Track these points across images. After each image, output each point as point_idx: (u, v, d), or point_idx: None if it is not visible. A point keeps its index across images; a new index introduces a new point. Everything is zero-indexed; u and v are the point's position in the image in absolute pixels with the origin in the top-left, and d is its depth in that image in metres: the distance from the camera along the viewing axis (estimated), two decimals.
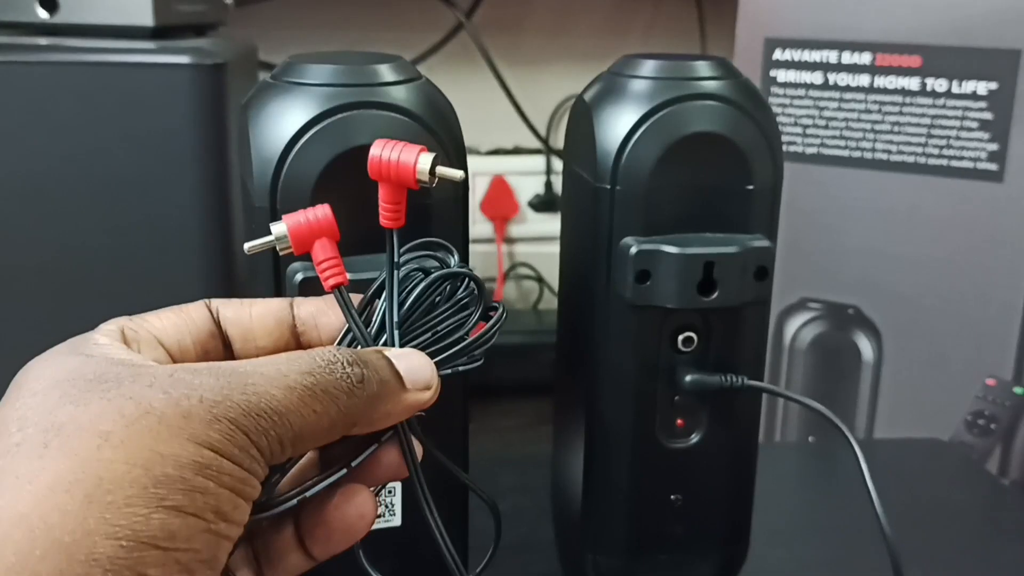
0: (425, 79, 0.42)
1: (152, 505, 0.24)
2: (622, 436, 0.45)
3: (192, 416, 0.25)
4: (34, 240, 0.54)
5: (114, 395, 0.26)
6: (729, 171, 0.43)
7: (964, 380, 0.66)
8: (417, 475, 0.33)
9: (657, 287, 0.42)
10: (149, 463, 0.24)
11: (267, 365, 0.28)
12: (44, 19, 0.57)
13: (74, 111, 0.53)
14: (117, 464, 0.24)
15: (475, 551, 0.46)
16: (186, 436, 0.25)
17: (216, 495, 0.25)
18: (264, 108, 0.39)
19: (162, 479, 0.24)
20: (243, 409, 0.26)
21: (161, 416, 0.25)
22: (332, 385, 0.28)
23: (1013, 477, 0.66)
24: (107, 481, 0.24)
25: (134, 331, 0.31)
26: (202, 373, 0.27)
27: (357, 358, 0.30)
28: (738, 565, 0.49)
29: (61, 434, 0.25)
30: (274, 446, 0.27)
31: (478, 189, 0.96)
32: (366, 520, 0.32)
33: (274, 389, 0.27)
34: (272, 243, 0.32)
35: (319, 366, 0.28)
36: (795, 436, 0.72)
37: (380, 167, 0.32)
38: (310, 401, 0.28)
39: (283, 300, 0.34)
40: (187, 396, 0.26)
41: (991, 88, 0.62)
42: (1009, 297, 0.63)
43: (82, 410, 0.25)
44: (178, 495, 0.24)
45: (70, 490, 0.23)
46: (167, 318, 0.32)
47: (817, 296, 0.69)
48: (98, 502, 0.23)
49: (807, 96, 0.67)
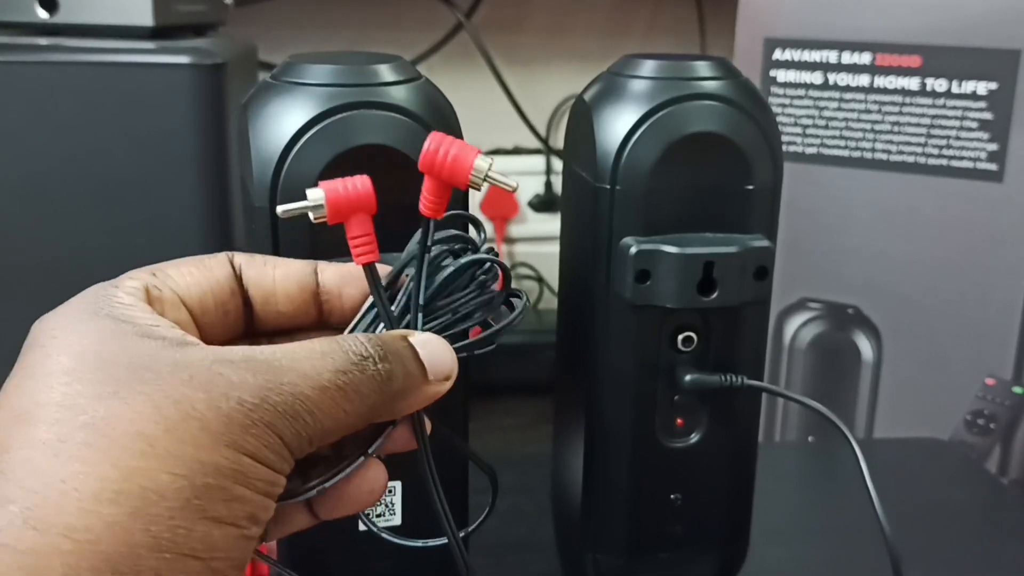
0: (425, 79, 0.42)
1: (195, 517, 0.24)
2: (622, 436, 0.45)
3: (232, 421, 0.25)
4: (34, 240, 0.54)
5: (154, 391, 0.25)
6: (729, 171, 0.43)
7: (964, 380, 0.66)
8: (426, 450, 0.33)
9: (657, 287, 0.42)
10: (192, 473, 0.24)
11: (303, 361, 0.28)
12: (44, 19, 0.57)
13: (74, 111, 0.53)
14: (162, 475, 0.24)
15: (475, 551, 0.46)
16: (225, 443, 0.25)
17: (251, 501, 0.26)
18: (264, 108, 0.39)
19: (203, 490, 0.24)
20: (279, 412, 0.26)
21: (202, 421, 0.25)
22: (363, 384, 0.28)
23: (1013, 476, 0.66)
24: (152, 492, 0.24)
25: (158, 290, 0.30)
26: (240, 368, 0.26)
27: (387, 352, 0.29)
28: (738, 565, 0.49)
29: (104, 434, 0.24)
30: (304, 444, 0.27)
31: None
32: (376, 493, 0.33)
33: (309, 390, 0.27)
34: (306, 208, 0.31)
35: (353, 363, 0.28)
36: (795, 436, 0.72)
37: (433, 162, 0.31)
38: (341, 401, 0.28)
39: (307, 264, 0.33)
40: (226, 397, 0.26)
41: (991, 88, 0.62)
42: (1009, 297, 0.63)
43: (123, 407, 0.25)
44: (219, 506, 0.25)
45: (116, 500, 0.23)
46: (189, 274, 0.31)
47: (817, 296, 0.69)
48: (143, 514, 0.24)
49: (807, 96, 0.67)
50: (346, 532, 0.42)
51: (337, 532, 0.36)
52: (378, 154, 0.38)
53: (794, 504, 0.61)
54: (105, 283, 0.30)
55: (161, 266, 0.31)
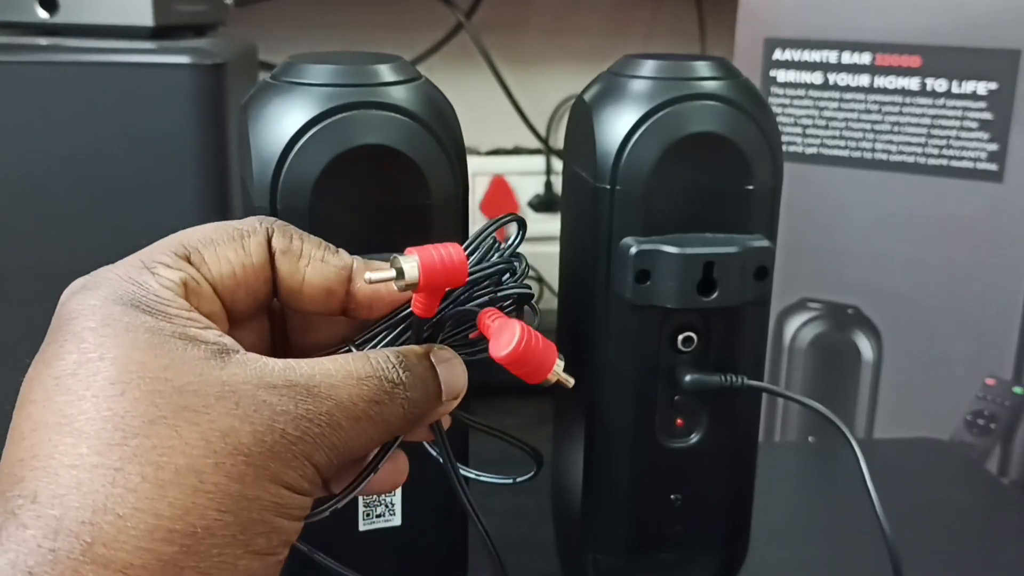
0: (425, 79, 0.42)
1: (240, 551, 0.25)
2: (622, 436, 0.45)
3: (275, 455, 0.26)
4: (34, 240, 0.54)
5: (203, 420, 0.25)
6: (729, 171, 0.43)
7: (964, 380, 0.66)
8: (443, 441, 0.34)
9: (657, 287, 0.42)
10: (238, 509, 0.25)
11: (339, 388, 0.28)
12: (44, 19, 0.57)
13: (74, 111, 0.53)
14: (211, 512, 0.25)
15: (475, 550, 0.46)
16: (268, 478, 0.26)
17: (287, 529, 0.26)
18: (264, 108, 0.39)
19: (247, 525, 0.25)
20: (317, 444, 0.27)
21: (248, 457, 0.25)
22: (392, 415, 0.29)
23: (1013, 477, 0.66)
24: (201, 529, 0.24)
25: (196, 283, 0.29)
26: (282, 395, 0.26)
27: (414, 379, 0.30)
28: (738, 565, 0.49)
29: (158, 466, 0.24)
30: (333, 469, 0.28)
31: (478, 189, 0.96)
32: (399, 480, 0.33)
33: (344, 421, 0.27)
34: (393, 279, 0.30)
35: (385, 392, 0.29)
36: (795, 436, 0.72)
37: (520, 357, 0.31)
38: (370, 430, 0.28)
39: (342, 270, 0.32)
40: (271, 430, 0.26)
41: (991, 88, 0.62)
42: (1009, 297, 0.64)
43: (175, 437, 0.25)
44: (260, 539, 0.25)
45: (170, 540, 0.24)
46: (226, 262, 0.30)
47: (817, 296, 0.69)
48: (193, 552, 0.24)
49: (807, 96, 0.67)
50: (346, 532, 0.42)
51: (337, 532, 0.36)
52: (378, 154, 0.38)
53: (794, 504, 0.61)
54: (137, 262, 0.29)
55: (196, 245, 0.30)
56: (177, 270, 0.29)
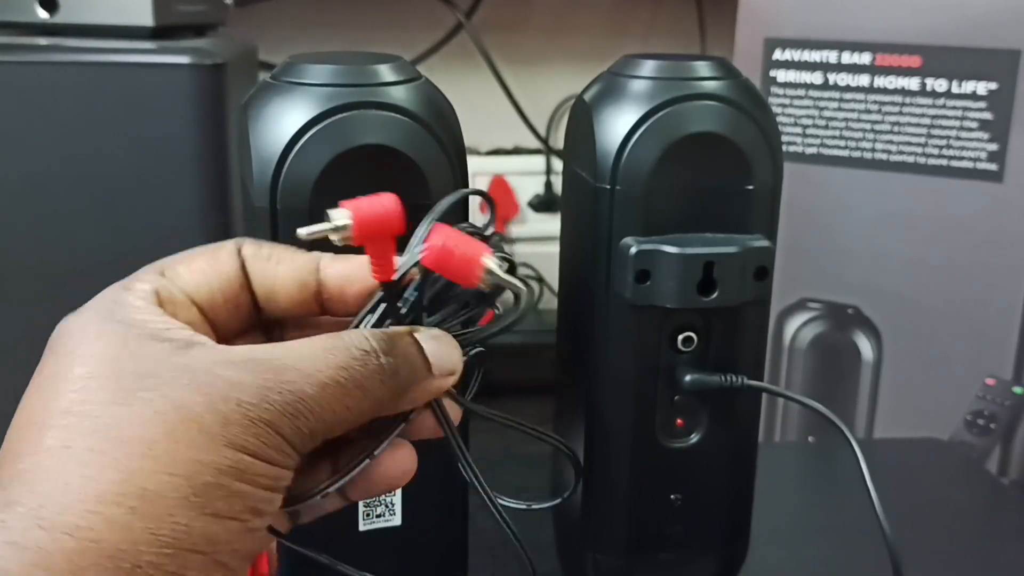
0: (425, 79, 0.42)
1: (195, 513, 0.25)
2: (622, 436, 0.45)
3: (231, 421, 0.26)
4: (34, 240, 0.54)
5: (156, 397, 0.26)
6: (729, 171, 0.43)
7: (964, 380, 0.66)
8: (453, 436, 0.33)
9: (657, 287, 0.42)
10: (190, 472, 0.25)
11: (304, 359, 0.28)
12: (44, 19, 0.57)
13: (74, 111, 0.53)
14: (160, 475, 0.25)
15: (475, 551, 0.46)
16: (224, 443, 0.26)
17: (252, 495, 0.26)
18: (264, 108, 0.39)
19: (201, 488, 0.25)
20: (279, 410, 0.27)
21: (201, 424, 0.26)
22: (366, 379, 0.29)
23: (1013, 477, 0.66)
24: (151, 492, 0.25)
25: (169, 292, 0.30)
26: (240, 368, 0.27)
27: (392, 347, 0.30)
28: (738, 565, 0.49)
29: (107, 439, 0.25)
30: (306, 440, 0.28)
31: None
32: (407, 474, 0.33)
33: (309, 387, 0.27)
34: (328, 231, 0.30)
35: (355, 359, 0.29)
36: (795, 436, 0.72)
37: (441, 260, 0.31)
38: (343, 397, 0.28)
39: (310, 262, 0.33)
40: (225, 399, 0.26)
41: (991, 88, 0.62)
42: (1009, 297, 0.64)
43: (125, 412, 0.26)
44: (218, 502, 0.25)
45: (117, 502, 0.24)
46: (199, 271, 0.31)
47: (817, 296, 0.69)
48: (142, 514, 0.24)
49: (807, 96, 0.67)
50: (346, 532, 0.42)
51: (337, 532, 0.36)
52: (378, 154, 0.38)
53: (794, 504, 0.61)
54: (119, 285, 0.30)
55: (172, 263, 0.31)
56: (150, 283, 0.30)
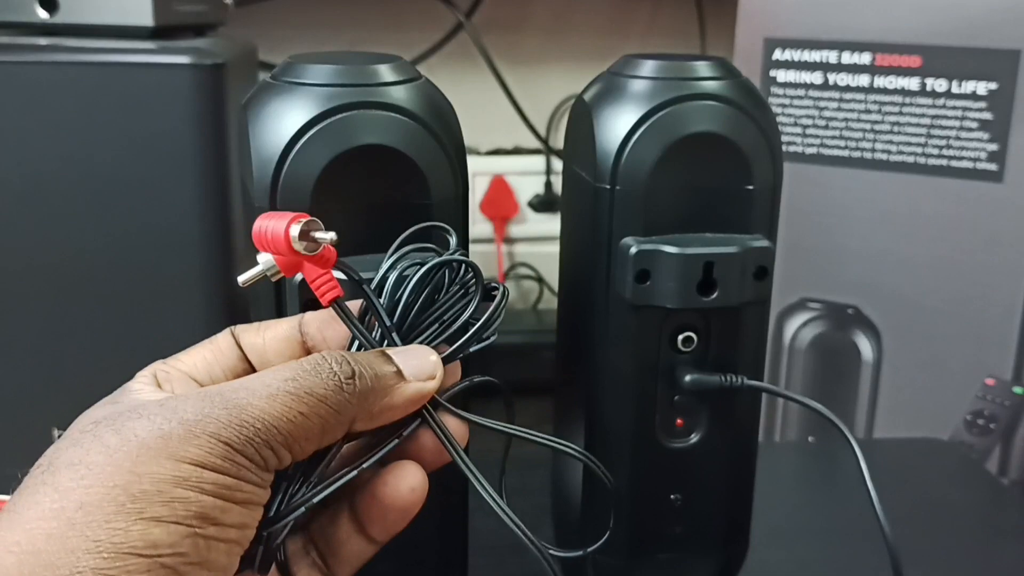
0: (425, 79, 0.42)
1: (132, 518, 0.26)
2: (622, 436, 0.45)
3: (170, 436, 0.27)
4: (34, 240, 0.54)
5: (103, 431, 0.28)
6: (729, 171, 0.43)
7: (964, 380, 0.66)
8: (459, 455, 0.33)
9: (657, 287, 0.42)
10: (127, 483, 0.26)
11: (254, 379, 0.30)
12: (44, 19, 0.57)
13: (74, 111, 0.53)
14: (96, 488, 0.26)
15: (475, 551, 0.46)
16: (164, 456, 0.27)
17: (199, 502, 0.27)
18: (264, 108, 0.39)
19: (139, 495, 0.26)
20: (224, 423, 0.28)
21: (142, 441, 0.27)
22: (318, 386, 0.30)
23: (1013, 477, 0.66)
24: (87, 504, 0.26)
25: (166, 372, 0.33)
26: (190, 399, 0.29)
27: (347, 358, 0.31)
28: (738, 565, 0.49)
29: (54, 472, 0.27)
30: (264, 452, 0.28)
31: (478, 189, 0.96)
32: (418, 493, 0.33)
33: (256, 400, 0.29)
34: (263, 272, 0.33)
35: (304, 371, 0.30)
36: (795, 436, 0.72)
37: (260, 239, 0.32)
38: (295, 404, 0.29)
39: (293, 320, 0.35)
40: (167, 420, 0.28)
41: (991, 88, 0.62)
42: (1009, 297, 0.64)
43: (75, 449, 0.27)
44: (156, 507, 0.26)
45: (56, 516, 0.26)
46: (198, 354, 0.34)
47: (817, 296, 0.69)
48: (79, 523, 0.26)
49: (807, 96, 0.67)
50: None
51: None
52: (378, 154, 0.38)
53: (794, 504, 0.61)
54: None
55: (174, 355, 0.34)
56: (150, 371, 0.33)
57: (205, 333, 0.35)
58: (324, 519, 0.34)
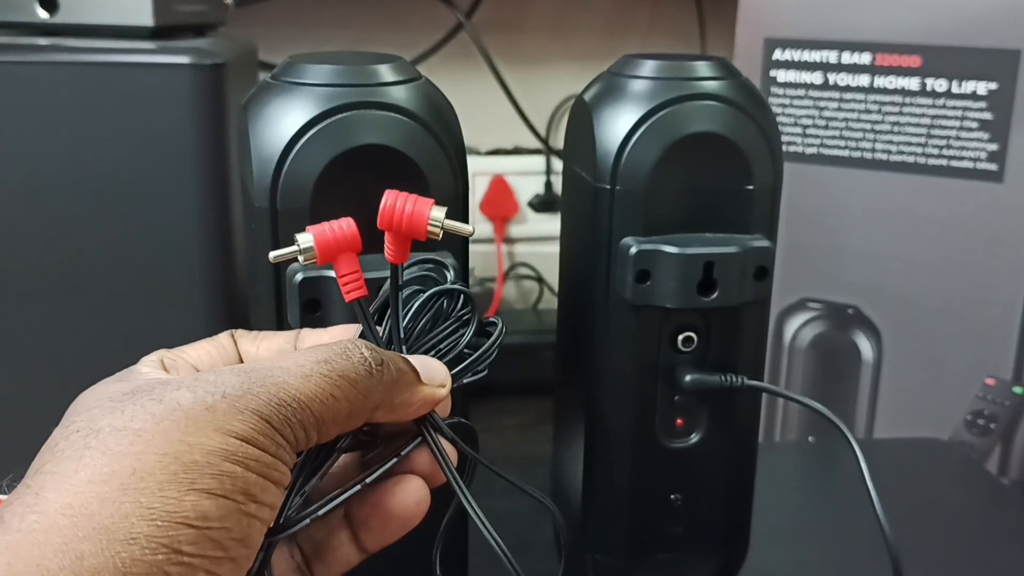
0: (425, 79, 0.42)
1: (184, 488, 0.26)
2: (622, 436, 0.45)
3: (216, 409, 0.27)
4: (34, 239, 0.54)
5: (145, 399, 0.28)
6: (729, 171, 0.43)
7: (964, 380, 0.66)
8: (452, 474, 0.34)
9: (657, 287, 0.42)
10: (179, 452, 0.26)
11: (286, 359, 0.30)
12: (44, 19, 0.57)
13: (74, 111, 0.53)
14: (148, 455, 0.26)
15: (475, 551, 0.46)
16: (212, 427, 0.27)
17: (244, 478, 0.27)
18: (264, 108, 0.39)
19: (191, 465, 0.26)
20: (264, 400, 0.28)
21: (187, 411, 0.27)
22: (350, 370, 0.30)
23: (1013, 477, 0.66)
24: (140, 471, 0.26)
25: (172, 359, 0.33)
26: (225, 372, 0.29)
27: (376, 350, 0.31)
28: (738, 565, 0.49)
29: (99, 436, 0.27)
30: (298, 432, 0.29)
31: (478, 189, 0.96)
32: (422, 507, 0.34)
33: (292, 379, 0.29)
34: (296, 253, 0.32)
35: (335, 353, 0.30)
36: (795, 436, 0.72)
37: (392, 218, 0.32)
38: (328, 387, 0.29)
39: (290, 334, 0.35)
40: (211, 393, 0.28)
41: (991, 88, 0.62)
42: (1009, 297, 0.64)
43: (118, 416, 0.27)
44: (208, 479, 0.26)
45: (107, 480, 0.26)
46: (202, 347, 0.34)
47: (817, 296, 0.69)
48: (133, 488, 0.25)
49: (807, 96, 0.67)
50: None
51: None
52: (378, 154, 0.38)
53: (794, 504, 0.61)
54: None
55: (179, 347, 0.34)
56: (156, 356, 0.33)
57: (205, 332, 0.35)
58: (316, 525, 0.34)
